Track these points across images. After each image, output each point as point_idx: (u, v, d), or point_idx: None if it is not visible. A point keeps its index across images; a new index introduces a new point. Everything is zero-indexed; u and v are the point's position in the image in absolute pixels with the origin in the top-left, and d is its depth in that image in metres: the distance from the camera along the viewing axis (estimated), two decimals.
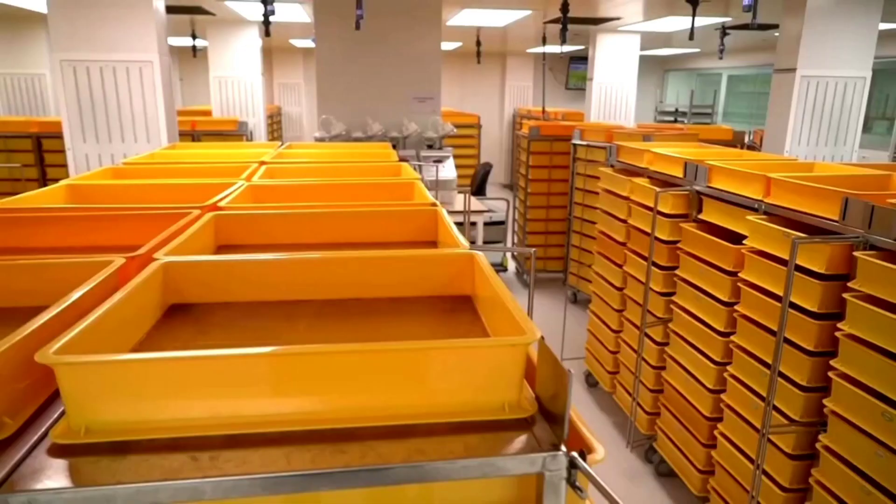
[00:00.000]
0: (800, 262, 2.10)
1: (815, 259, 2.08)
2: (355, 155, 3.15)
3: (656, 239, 3.11)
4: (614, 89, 8.27)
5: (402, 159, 2.79)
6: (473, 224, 5.35)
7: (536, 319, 1.00)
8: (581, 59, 12.01)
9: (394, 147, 3.44)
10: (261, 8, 4.16)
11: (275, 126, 10.28)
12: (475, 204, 5.50)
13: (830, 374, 2.01)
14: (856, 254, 1.94)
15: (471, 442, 0.80)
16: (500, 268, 6.41)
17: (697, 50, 10.77)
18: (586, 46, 8.70)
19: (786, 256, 2.10)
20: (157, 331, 1.10)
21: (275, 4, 4.24)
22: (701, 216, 2.90)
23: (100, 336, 0.89)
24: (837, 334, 1.97)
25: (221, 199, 1.77)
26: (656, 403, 3.23)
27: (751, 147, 6.32)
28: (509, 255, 6.75)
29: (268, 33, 4.35)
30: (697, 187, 2.92)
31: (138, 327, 1.07)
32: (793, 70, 4.59)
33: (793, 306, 2.14)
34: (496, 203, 6.36)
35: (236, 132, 6.10)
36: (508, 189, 11.21)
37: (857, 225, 2.00)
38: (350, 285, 1.27)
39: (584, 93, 8.80)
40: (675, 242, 3.00)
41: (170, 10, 5.12)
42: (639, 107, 9.24)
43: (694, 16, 5.05)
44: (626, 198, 3.54)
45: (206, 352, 0.89)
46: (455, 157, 5.40)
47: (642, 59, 8.74)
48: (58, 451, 0.76)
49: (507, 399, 0.85)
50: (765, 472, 2.32)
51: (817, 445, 2.08)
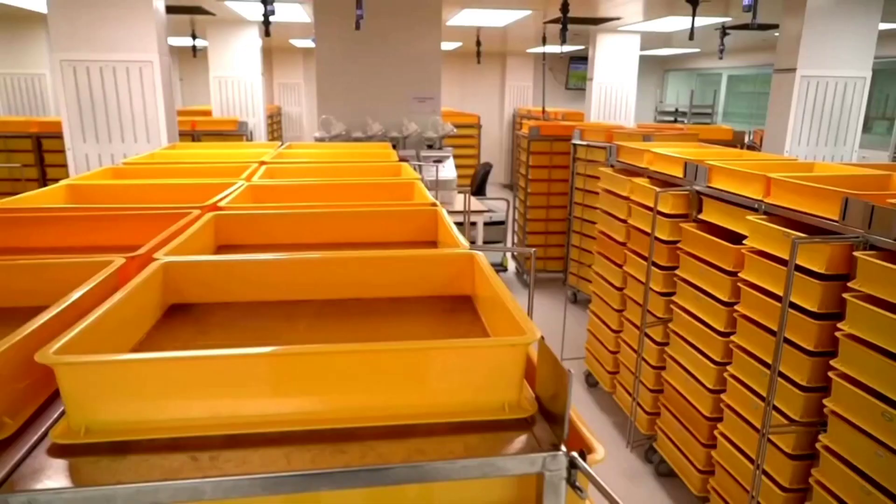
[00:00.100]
0: (800, 262, 2.10)
1: (815, 259, 2.08)
2: (355, 155, 3.15)
3: (656, 239, 3.11)
4: (614, 89, 8.27)
5: (402, 159, 2.79)
6: (473, 224, 5.35)
7: (536, 319, 1.00)
8: (581, 59, 12.02)
9: (394, 147, 3.44)
10: (261, 8, 4.16)
11: (275, 126, 10.28)
12: (475, 204, 5.50)
13: (830, 374, 2.01)
14: (856, 254, 1.95)
15: (471, 442, 0.80)
16: (500, 268, 6.41)
17: (697, 50, 10.77)
18: (586, 46, 8.70)
19: (786, 256, 2.10)
20: (157, 331, 1.10)
21: (275, 4, 4.24)
22: (701, 216, 2.90)
23: (100, 336, 0.89)
24: (837, 334, 1.97)
25: (221, 199, 1.77)
26: (656, 403, 3.23)
27: (751, 147, 6.32)
28: (509, 255, 6.75)
29: (268, 33, 4.36)
30: (697, 187, 2.92)
31: (138, 327, 1.07)
32: (793, 70, 4.59)
33: (793, 306, 2.14)
34: (496, 203, 6.36)
35: (236, 132, 6.10)
36: (508, 189, 11.21)
37: (857, 225, 2.00)
38: (350, 285, 1.27)
39: (584, 93, 8.80)
40: (675, 242, 3.00)
41: (170, 10, 5.12)
42: (639, 107, 9.24)
43: (694, 16, 5.05)
44: (626, 198, 3.54)
45: (206, 352, 0.89)
46: (455, 157, 5.40)
47: (642, 59, 8.74)
48: (58, 451, 0.76)
49: (507, 399, 0.85)
50: (765, 472, 2.32)
51: (817, 445, 2.08)
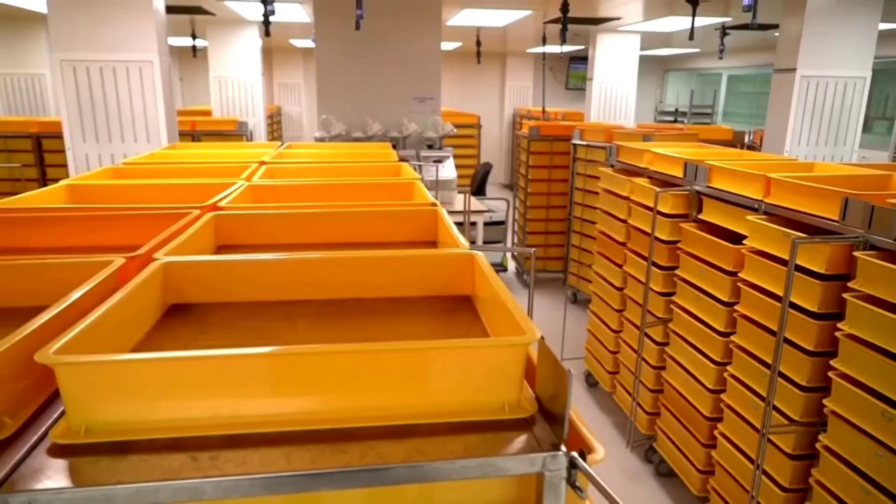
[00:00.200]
0: (800, 262, 2.10)
1: (815, 259, 2.08)
2: (355, 155, 3.15)
3: (656, 239, 3.11)
4: (614, 89, 8.27)
5: (402, 159, 2.79)
6: (473, 224, 5.35)
7: (536, 319, 1.00)
8: (581, 59, 12.01)
9: (394, 147, 3.44)
10: (261, 8, 4.16)
11: (275, 126, 10.28)
12: (475, 204, 5.50)
13: (830, 374, 2.01)
14: (856, 254, 1.95)
15: (471, 442, 0.80)
16: (500, 268, 6.41)
17: (697, 50, 10.77)
18: (586, 46, 8.70)
19: (786, 256, 2.10)
20: (157, 331, 1.10)
21: (275, 4, 4.24)
22: (701, 216, 2.90)
23: (100, 336, 0.89)
24: (837, 334, 1.97)
25: (221, 199, 1.77)
26: (656, 403, 3.23)
27: (751, 147, 6.32)
28: (509, 255, 6.75)
29: (268, 33, 4.36)
30: (697, 187, 2.92)
31: (138, 327, 1.07)
32: (793, 70, 4.59)
33: (793, 306, 2.14)
34: (496, 203, 6.36)
35: (236, 132, 6.11)
36: (508, 189, 11.21)
37: (857, 225, 2.00)
38: (350, 285, 1.27)
39: (584, 93, 8.80)
40: (675, 242, 3.00)
41: (170, 10, 5.12)
42: (639, 107, 9.24)
43: (694, 16, 5.05)
44: (626, 198, 3.54)
45: (206, 352, 0.89)
46: (455, 157, 5.40)
47: (642, 59, 8.74)
48: (58, 451, 0.76)
49: (507, 399, 0.85)
50: (765, 472, 2.32)
51: (817, 445, 2.08)
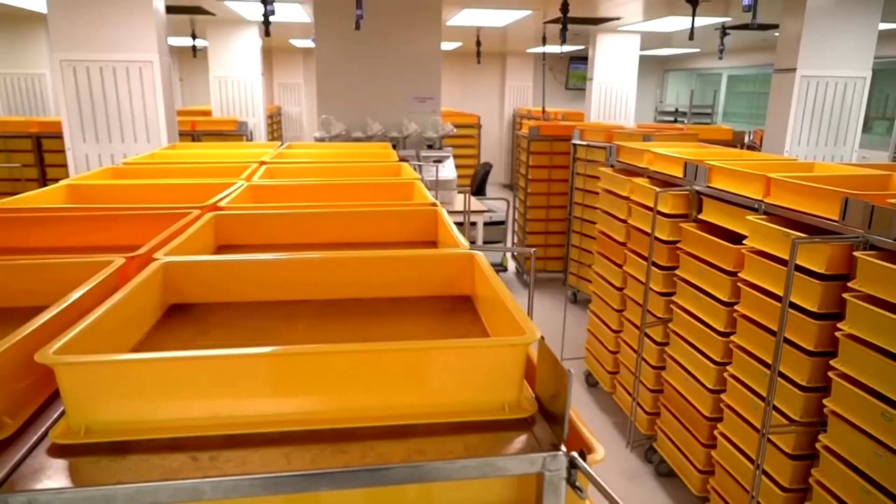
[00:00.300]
0: (800, 262, 2.10)
1: (815, 259, 2.08)
2: (355, 155, 3.15)
3: (656, 239, 3.11)
4: (614, 89, 8.27)
5: (402, 159, 2.79)
6: (473, 224, 5.35)
7: (536, 319, 1.00)
8: (581, 59, 12.01)
9: (394, 147, 3.44)
10: (261, 8, 4.16)
11: (275, 126, 10.28)
12: (475, 204, 5.50)
13: (830, 374, 2.01)
14: (856, 254, 1.95)
15: (471, 442, 0.80)
16: (500, 268, 6.41)
17: (697, 50, 10.77)
18: (586, 46, 8.70)
19: (786, 256, 2.10)
20: (157, 331, 1.10)
21: (275, 4, 4.24)
22: (701, 216, 2.90)
23: (100, 336, 0.89)
24: (837, 334, 1.97)
25: (221, 199, 1.77)
26: (656, 403, 3.23)
27: (751, 147, 6.32)
28: (509, 255, 6.75)
29: (268, 33, 4.36)
30: (697, 187, 2.92)
31: (138, 327, 1.07)
32: (793, 70, 4.59)
33: (793, 306, 2.14)
34: (496, 203, 6.36)
35: (236, 132, 6.11)
36: (508, 189, 11.21)
37: (857, 225, 2.00)
38: (350, 285, 1.27)
39: (584, 93, 8.80)
40: (675, 242, 3.00)
41: (170, 10, 5.12)
42: (639, 107, 9.24)
43: (694, 16, 5.05)
44: (626, 198, 3.54)
45: (206, 352, 0.89)
46: (455, 157, 5.40)
47: (642, 59, 8.74)
48: (58, 451, 0.76)
49: (506, 399, 0.85)
50: (765, 472, 2.32)
51: (817, 445, 2.08)
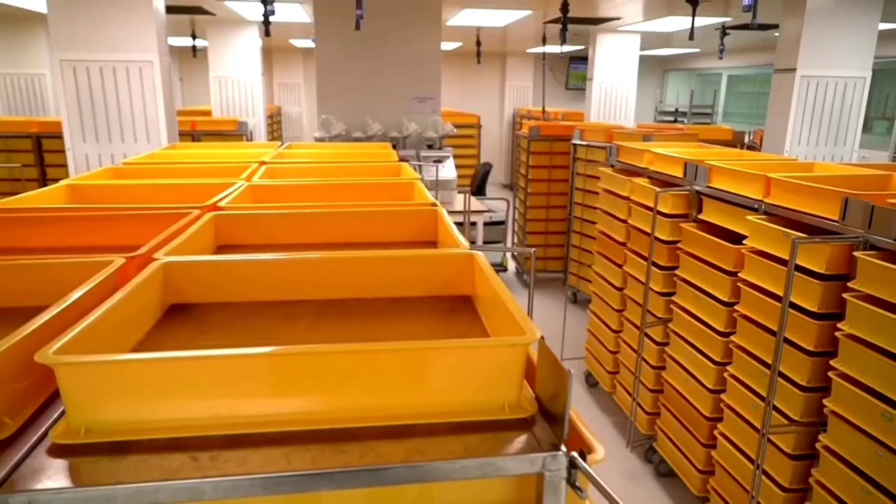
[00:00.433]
0: (800, 262, 2.10)
1: (815, 259, 2.08)
2: (355, 155, 3.15)
3: (656, 239, 3.11)
4: (614, 89, 8.27)
5: (402, 159, 2.79)
6: (473, 224, 5.35)
7: (536, 319, 1.00)
8: (581, 59, 12.01)
9: (394, 147, 3.44)
10: (261, 8, 4.16)
11: (275, 126, 10.28)
12: (475, 204, 5.50)
13: (830, 374, 2.01)
14: (856, 254, 1.94)
15: (471, 442, 0.80)
16: (500, 268, 6.41)
17: (697, 50, 10.77)
18: (586, 46, 8.70)
19: (786, 256, 2.10)
20: (157, 331, 1.10)
21: (275, 4, 4.24)
22: (701, 216, 2.90)
23: (100, 336, 0.89)
24: (837, 334, 1.97)
25: (221, 199, 1.77)
26: (656, 403, 3.23)
27: (751, 147, 6.32)
28: (509, 255, 6.75)
29: (268, 33, 4.36)
30: (697, 187, 2.92)
31: (138, 327, 1.07)
32: (793, 70, 4.59)
33: (793, 306, 2.14)
34: (496, 203, 6.36)
35: (236, 132, 6.11)
36: (508, 189, 11.21)
37: (857, 225, 2.00)
38: (350, 285, 1.27)
39: (584, 93, 8.80)
40: (675, 242, 3.00)
41: (170, 10, 5.12)
42: (639, 107, 9.24)
43: (694, 16, 5.05)
44: (626, 198, 3.54)
45: (206, 352, 0.89)
46: (455, 157, 5.40)
47: (642, 59, 8.74)
48: (58, 451, 0.76)
49: (506, 399, 0.85)
50: (765, 472, 2.32)
51: (817, 445, 2.08)
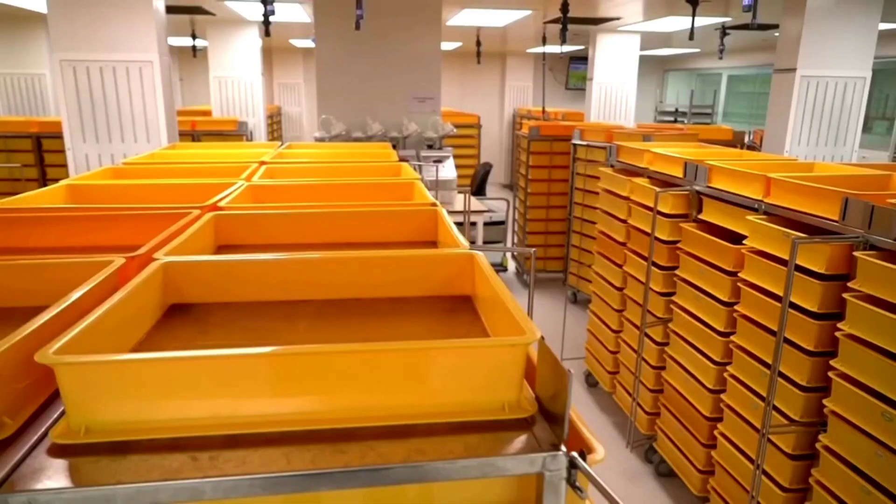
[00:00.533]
0: (800, 262, 2.10)
1: (815, 259, 2.08)
2: (355, 155, 3.15)
3: (656, 239, 3.11)
4: (614, 89, 8.27)
5: (402, 159, 2.79)
6: (473, 224, 5.35)
7: (536, 319, 1.00)
8: (581, 59, 12.01)
9: (394, 147, 3.44)
10: (261, 8, 4.16)
11: (275, 126, 10.28)
12: (475, 204, 5.50)
13: (830, 374, 2.01)
14: (856, 254, 1.94)
15: (471, 442, 0.80)
16: (500, 268, 6.41)
17: (697, 50, 10.77)
18: (586, 46, 8.70)
19: (786, 256, 2.10)
20: (157, 331, 1.10)
21: (275, 4, 4.24)
22: (701, 216, 2.90)
23: (100, 336, 0.89)
24: (837, 334, 1.97)
25: (221, 199, 1.77)
26: (656, 403, 3.23)
27: (751, 147, 6.32)
28: (509, 255, 6.75)
29: (268, 33, 4.36)
30: (697, 187, 2.92)
31: (138, 327, 1.07)
32: (793, 70, 4.59)
33: (793, 306, 2.14)
34: (496, 203, 6.36)
35: (236, 132, 6.11)
36: (508, 189, 11.20)
37: (857, 225, 2.00)
38: (350, 285, 1.27)
39: (584, 93, 8.80)
40: (675, 242, 3.00)
41: (170, 10, 5.12)
42: (639, 107, 9.24)
43: (694, 16, 5.05)
44: (626, 198, 3.54)
45: (206, 352, 0.89)
46: (455, 157, 5.40)
47: (642, 59, 8.74)
48: (58, 451, 0.76)
49: (506, 399, 0.85)
50: (765, 472, 2.32)
51: (817, 445, 2.08)
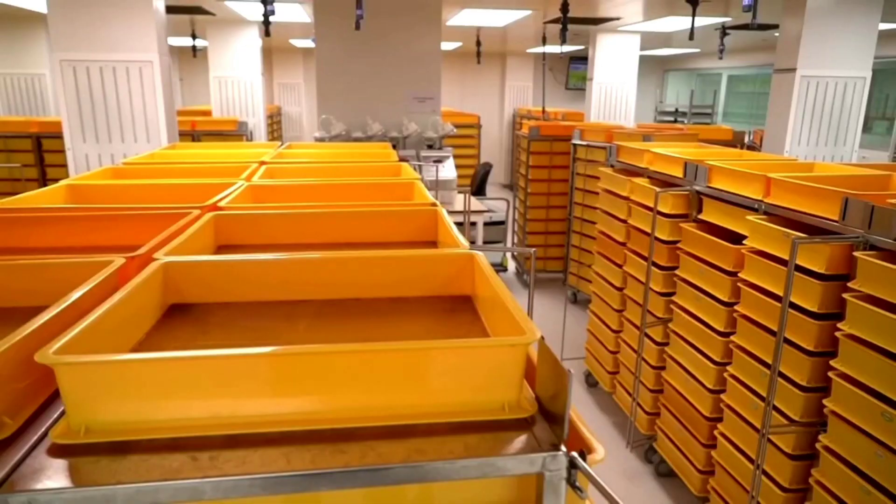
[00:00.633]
0: (800, 262, 2.10)
1: (815, 259, 2.08)
2: (355, 155, 3.15)
3: (656, 239, 3.11)
4: (614, 89, 8.27)
5: (402, 159, 2.79)
6: (473, 224, 5.35)
7: (536, 319, 1.00)
8: (581, 59, 12.01)
9: (394, 147, 3.44)
10: (261, 8, 4.16)
11: (275, 126, 10.28)
12: (475, 204, 5.50)
13: (830, 374, 2.01)
14: (856, 254, 1.94)
15: (471, 442, 0.80)
16: (500, 268, 6.41)
17: (697, 50, 10.77)
18: (586, 46, 8.70)
19: (786, 256, 2.10)
20: (157, 331, 1.10)
21: (275, 4, 4.24)
22: (701, 216, 2.90)
23: (100, 336, 0.89)
24: (837, 334, 1.97)
25: (221, 199, 1.77)
26: (656, 403, 3.23)
27: (751, 147, 6.32)
28: (509, 255, 6.75)
29: (268, 33, 4.36)
30: (697, 187, 2.92)
31: (138, 327, 1.07)
32: (793, 70, 4.59)
33: (793, 306, 2.14)
34: (496, 203, 6.36)
35: (236, 132, 6.11)
36: (508, 189, 11.20)
37: (857, 225, 2.00)
38: (350, 285, 1.27)
39: (584, 93, 8.80)
40: (675, 242, 3.00)
41: (170, 10, 5.12)
42: (639, 107, 9.24)
43: (694, 16, 5.05)
44: (626, 198, 3.54)
45: (206, 352, 0.89)
46: (455, 157, 5.39)
47: (642, 59, 8.74)
48: (58, 451, 0.76)
49: (506, 399, 0.85)
50: (765, 472, 2.32)
51: (817, 445, 2.08)
